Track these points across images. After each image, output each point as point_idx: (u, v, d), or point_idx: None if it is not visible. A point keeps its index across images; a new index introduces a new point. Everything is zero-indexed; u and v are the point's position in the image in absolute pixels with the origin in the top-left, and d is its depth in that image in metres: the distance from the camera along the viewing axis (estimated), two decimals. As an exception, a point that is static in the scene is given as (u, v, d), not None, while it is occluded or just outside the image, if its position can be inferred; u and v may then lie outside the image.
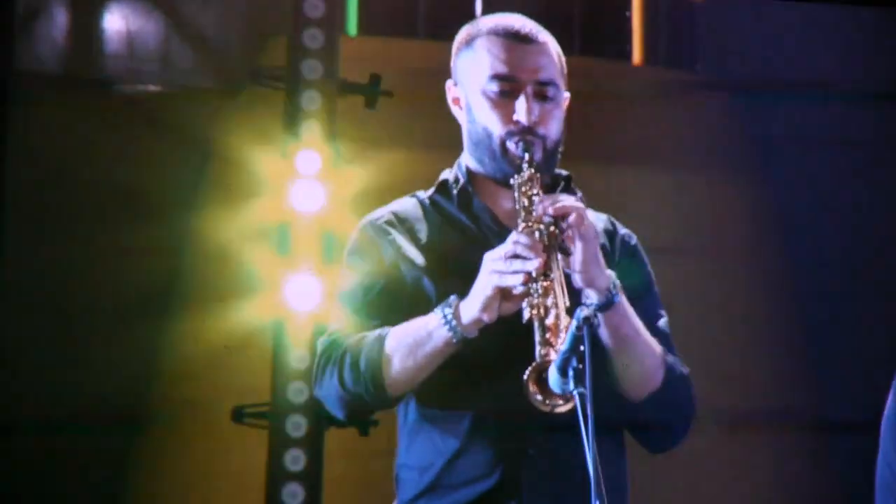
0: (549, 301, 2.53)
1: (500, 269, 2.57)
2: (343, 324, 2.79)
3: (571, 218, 2.60)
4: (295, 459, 5.94)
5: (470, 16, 7.06)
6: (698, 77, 7.43)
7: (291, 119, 6.04)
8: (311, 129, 6.04)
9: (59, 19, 6.63)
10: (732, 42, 7.46)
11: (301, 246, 6.00)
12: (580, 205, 2.65)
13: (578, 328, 2.36)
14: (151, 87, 6.65)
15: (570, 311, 2.45)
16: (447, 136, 6.10)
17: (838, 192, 7.30)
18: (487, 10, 6.97)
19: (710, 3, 7.52)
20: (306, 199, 6.01)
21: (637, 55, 7.42)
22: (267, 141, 6.16)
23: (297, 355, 5.94)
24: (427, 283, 2.75)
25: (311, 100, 6.03)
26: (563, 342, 2.44)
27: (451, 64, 2.92)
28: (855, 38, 7.50)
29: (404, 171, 6.34)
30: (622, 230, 2.92)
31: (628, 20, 7.40)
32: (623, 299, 2.65)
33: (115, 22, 6.65)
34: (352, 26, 6.92)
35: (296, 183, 6.01)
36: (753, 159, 7.37)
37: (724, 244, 7.24)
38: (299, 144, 6.02)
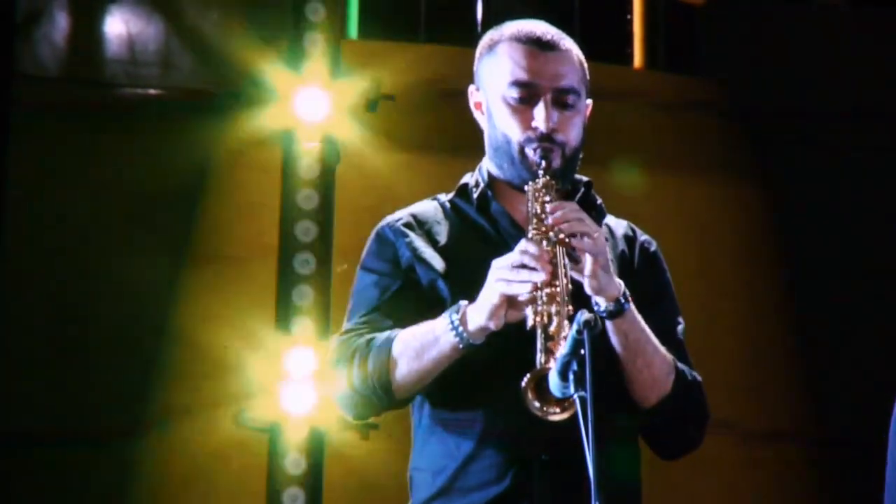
0: (553, 309, 2.53)
1: (506, 277, 2.58)
2: (356, 324, 2.79)
3: (574, 228, 2.60)
4: (296, 463, 5.94)
5: (470, 19, 7.07)
6: (699, 80, 7.43)
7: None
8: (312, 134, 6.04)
9: (60, 22, 6.63)
10: (733, 45, 7.46)
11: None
12: (584, 214, 2.64)
13: (579, 332, 2.36)
14: (152, 91, 6.65)
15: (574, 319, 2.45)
16: (447, 139, 6.10)
17: (841, 196, 7.30)
18: (487, 14, 6.98)
19: (710, 7, 7.52)
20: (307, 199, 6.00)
21: (638, 59, 7.42)
22: (267, 144, 6.16)
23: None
24: (442, 285, 2.76)
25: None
26: (563, 348, 2.43)
27: (474, 68, 2.91)
28: (857, 41, 7.50)
29: (405, 173, 6.34)
30: (642, 237, 2.92)
31: (629, 23, 7.40)
32: (632, 307, 2.65)
33: (115, 25, 6.65)
34: (352, 29, 6.92)
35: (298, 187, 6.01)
36: (754, 162, 7.37)
37: (726, 249, 7.24)
38: (300, 148, 6.02)
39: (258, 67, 6.22)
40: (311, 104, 6.07)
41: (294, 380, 5.94)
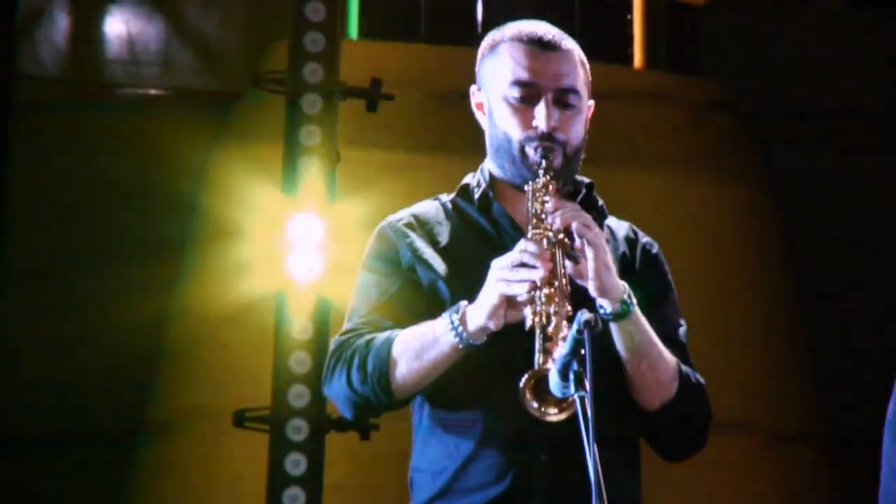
0: (552, 309, 2.53)
1: (506, 277, 2.57)
2: (356, 324, 2.79)
3: (575, 226, 2.60)
4: (295, 463, 5.92)
5: (470, 20, 7.07)
6: (699, 80, 7.43)
7: (292, 122, 6.03)
8: (312, 133, 6.03)
9: (61, 23, 6.64)
10: (733, 45, 7.47)
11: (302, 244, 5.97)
12: (585, 214, 2.64)
13: (579, 331, 2.35)
14: (152, 91, 6.66)
15: (573, 320, 2.44)
16: (448, 139, 6.10)
17: (841, 196, 7.30)
18: (487, 15, 6.98)
19: (710, 7, 7.53)
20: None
21: (638, 59, 7.42)
22: (267, 144, 6.16)
23: (297, 358, 5.93)
24: (443, 286, 2.75)
25: (312, 103, 6.03)
26: (562, 348, 2.43)
27: (476, 69, 2.91)
28: (856, 41, 7.50)
29: (405, 174, 6.34)
30: (644, 238, 2.92)
31: (629, 24, 7.40)
32: (637, 308, 2.65)
33: (116, 26, 6.66)
34: (353, 30, 6.92)
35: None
36: (755, 163, 7.37)
37: (726, 248, 7.24)
38: (300, 149, 6.01)
39: (258, 67, 6.23)
40: (311, 105, 6.07)
41: (292, 380, 5.93)
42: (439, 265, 2.78)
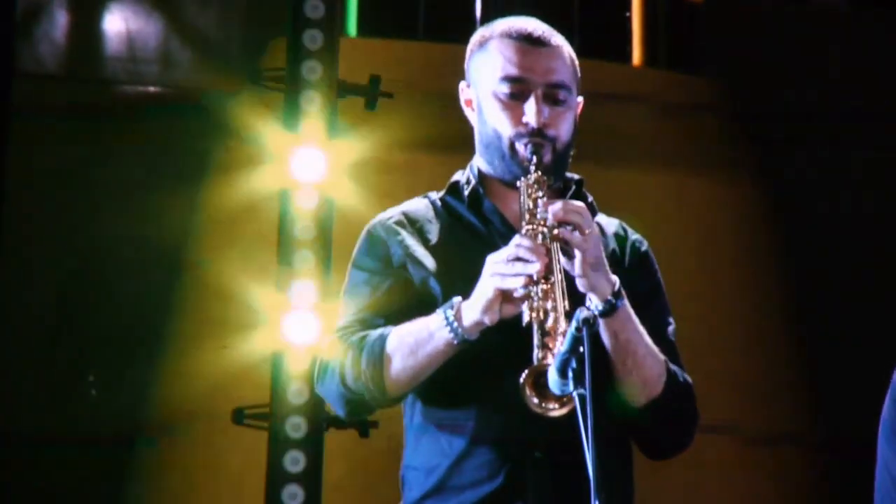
0: (549, 305, 2.52)
1: (501, 271, 2.57)
2: (348, 322, 2.79)
3: (573, 220, 2.60)
4: (294, 461, 5.93)
5: (469, 17, 7.06)
6: (698, 79, 7.43)
7: (291, 120, 6.03)
8: (311, 130, 6.03)
9: (60, 20, 6.63)
10: (733, 45, 7.46)
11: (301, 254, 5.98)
12: (581, 206, 2.64)
13: (578, 329, 2.35)
14: (151, 88, 6.65)
15: (571, 315, 2.44)
16: (447, 138, 6.11)
17: (841, 196, 7.30)
18: (486, 12, 6.97)
19: (710, 5, 7.52)
20: (304, 200, 5.99)
21: (637, 56, 7.42)
22: (267, 142, 6.16)
23: (296, 357, 5.93)
24: (434, 283, 2.75)
25: (311, 100, 6.03)
26: (561, 344, 2.43)
27: (465, 65, 2.91)
28: (856, 41, 7.50)
29: (404, 171, 6.34)
30: (633, 236, 2.92)
31: (628, 21, 7.40)
32: (626, 305, 2.64)
33: (115, 23, 6.66)
34: (351, 27, 6.92)
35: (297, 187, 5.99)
36: (754, 162, 7.37)
37: (726, 248, 7.24)
38: (298, 144, 6.01)
39: (257, 65, 6.23)
40: (312, 102, 6.07)
41: (291, 377, 5.94)
42: (430, 262, 2.78)
